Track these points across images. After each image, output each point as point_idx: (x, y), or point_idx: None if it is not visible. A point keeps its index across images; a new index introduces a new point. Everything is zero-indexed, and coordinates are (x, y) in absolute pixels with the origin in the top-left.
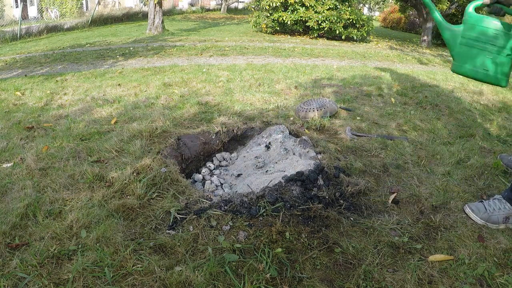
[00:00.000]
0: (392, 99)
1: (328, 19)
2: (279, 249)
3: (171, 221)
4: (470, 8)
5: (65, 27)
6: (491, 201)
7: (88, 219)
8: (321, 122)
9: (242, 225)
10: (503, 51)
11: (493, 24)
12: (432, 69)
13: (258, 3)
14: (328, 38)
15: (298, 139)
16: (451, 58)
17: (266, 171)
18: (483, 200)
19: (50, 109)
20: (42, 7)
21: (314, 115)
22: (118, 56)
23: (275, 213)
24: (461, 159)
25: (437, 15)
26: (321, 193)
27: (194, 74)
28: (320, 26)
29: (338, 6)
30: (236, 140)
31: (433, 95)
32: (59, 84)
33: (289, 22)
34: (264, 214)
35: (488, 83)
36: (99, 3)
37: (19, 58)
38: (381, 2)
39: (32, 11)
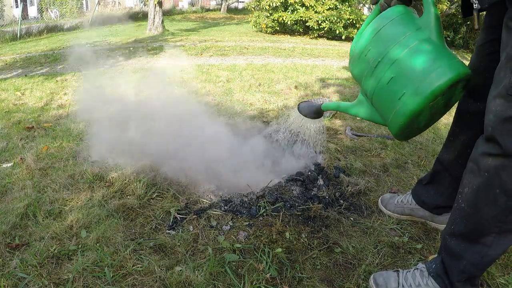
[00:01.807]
0: None
1: (328, 19)
2: (279, 249)
3: (171, 221)
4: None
5: (65, 27)
6: (411, 272)
7: (88, 219)
8: None
9: (242, 225)
10: (419, 36)
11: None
12: None
13: (258, 3)
14: (328, 38)
15: (298, 139)
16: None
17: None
18: (399, 270)
19: (50, 109)
20: (42, 7)
21: None
22: (118, 56)
23: (275, 213)
24: None
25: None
26: (321, 193)
27: (194, 74)
28: (320, 26)
29: (338, 6)
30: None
31: None
32: (59, 84)
33: (289, 22)
34: (264, 214)
35: (452, 83)
36: (99, 3)
37: (19, 58)
38: None
39: (32, 11)
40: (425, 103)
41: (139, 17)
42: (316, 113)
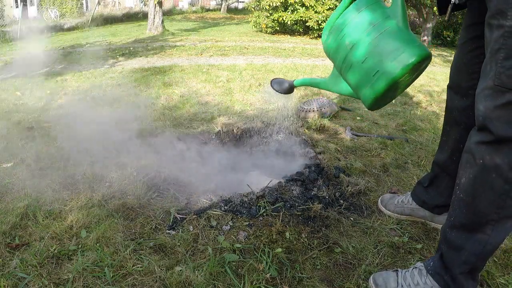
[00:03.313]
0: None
1: (328, 19)
2: (279, 249)
3: (171, 221)
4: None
5: (65, 27)
6: (410, 271)
7: (88, 219)
8: (321, 122)
9: (242, 225)
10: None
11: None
12: (432, 69)
13: (258, 3)
14: None
15: (298, 139)
16: (451, 58)
17: (266, 171)
18: (398, 270)
19: (50, 109)
20: (42, 7)
21: (314, 115)
22: (118, 56)
23: (275, 213)
24: None
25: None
26: (321, 193)
27: (194, 74)
28: (320, 26)
29: None
30: (236, 140)
31: (433, 95)
32: (59, 84)
33: (289, 22)
34: (264, 214)
35: (414, 63)
36: (99, 3)
37: (20, 58)
38: None
39: (32, 11)
40: (396, 79)
41: (139, 17)
42: (288, 88)
